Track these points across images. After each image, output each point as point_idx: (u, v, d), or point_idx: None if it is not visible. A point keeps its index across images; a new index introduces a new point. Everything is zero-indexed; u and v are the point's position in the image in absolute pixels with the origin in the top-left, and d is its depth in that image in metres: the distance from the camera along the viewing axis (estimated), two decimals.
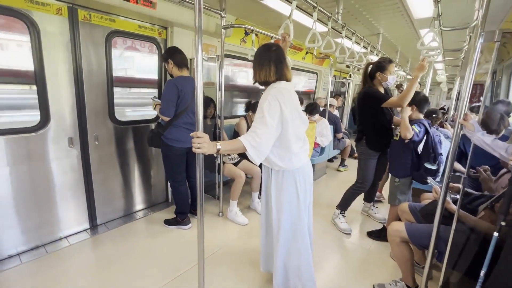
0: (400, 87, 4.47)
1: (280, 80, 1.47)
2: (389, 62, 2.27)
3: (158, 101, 2.32)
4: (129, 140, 2.58)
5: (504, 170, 1.81)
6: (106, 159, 2.43)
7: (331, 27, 2.43)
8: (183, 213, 2.47)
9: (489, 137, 1.35)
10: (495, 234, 1.12)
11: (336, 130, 4.30)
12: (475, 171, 2.03)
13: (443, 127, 3.48)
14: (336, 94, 5.76)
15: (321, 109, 4.03)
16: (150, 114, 2.73)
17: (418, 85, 2.40)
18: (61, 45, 1.99)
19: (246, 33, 3.27)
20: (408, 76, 6.00)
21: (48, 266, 1.92)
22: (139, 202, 2.79)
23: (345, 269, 2.06)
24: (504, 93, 3.75)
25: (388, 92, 2.49)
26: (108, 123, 2.39)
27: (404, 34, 3.53)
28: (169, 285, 1.80)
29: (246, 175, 2.78)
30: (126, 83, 2.65)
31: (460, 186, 1.36)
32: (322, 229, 2.59)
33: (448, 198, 1.50)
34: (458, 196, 1.41)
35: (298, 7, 2.43)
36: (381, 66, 2.27)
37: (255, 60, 1.50)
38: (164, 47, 2.65)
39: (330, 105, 4.46)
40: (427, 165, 2.14)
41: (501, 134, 1.97)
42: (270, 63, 1.44)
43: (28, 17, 1.82)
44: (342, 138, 4.46)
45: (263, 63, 1.45)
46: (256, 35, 2.61)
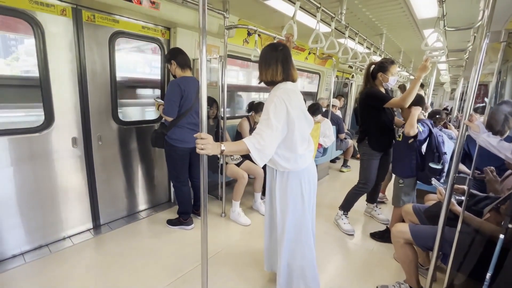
0: (404, 88, 4.44)
1: (287, 81, 1.45)
2: (391, 63, 2.27)
3: (161, 102, 2.33)
4: (132, 141, 2.59)
5: (510, 172, 1.80)
6: (109, 159, 2.44)
7: (334, 28, 2.42)
8: (186, 213, 2.48)
9: (495, 139, 1.34)
10: (501, 236, 1.11)
11: (339, 131, 4.29)
12: (480, 172, 2.02)
13: (447, 128, 3.45)
14: (339, 95, 5.74)
15: (324, 110, 4.02)
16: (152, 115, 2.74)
17: (421, 87, 2.39)
18: (65, 46, 2.01)
19: (249, 34, 3.27)
20: (411, 77, 5.97)
21: (52, 266, 1.93)
22: (142, 202, 2.80)
23: (348, 270, 2.05)
24: (509, 94, 3.71)
25: (389, 93, 2.48)
26: (112, 123, 2.40)
27: (408, 35, 3.51)
28: (172, 285, 1.80)
29: (249, 176, 2.78)
30: (129, 84, 2.66)
31: (465, 188, 1.35)
32: (325, 230, 2.58)
33: (453, 200, 1.49)
34: (463, 198, 1.40)
35: (301, 8, 2.43)
36: (383, 67, 2.27)
37: (261, 60, 1.48)
38: (167, 48, 2.65)
39: (333, 106, 4.45)
40: (432, 165, 2.12)
41: (506, 135, 1.95)
42: (277, 63, 1.42)
43: (33, 18, 1.83)
44: (345, 139, 4.45)
45: (270, 63, 1.43)
46: (259, 36, 2.61)
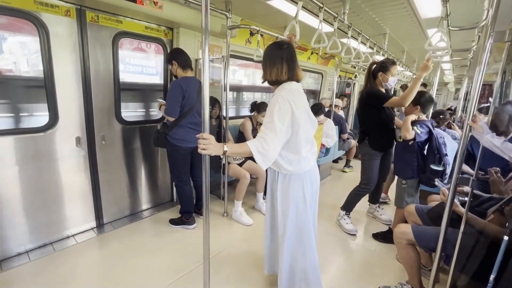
0: (406, 88, 4.42)
1: (292, 80, 1.42)
2: (393, 64, 2.27)
3: (163, 102, 2.34)
4: (135, 140, 2.60)
5: None
6: (113, 159, 2.45)
7: (337, 27, 2.42)
8: (188, 213, 2.49)
9: (499, 139, 1.33)
10: (505, 238, 1.10)
11: (341, 131, 4.27)
12: (484, 173, 2.00)
13: (451, 128, 3.43)
14: (342, 95, 5.72)
15: (326, 110, 4.01)
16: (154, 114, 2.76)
17: (423, 86, 2.38)
18: (70, 46, 2.02)
19: (252, 34, 3.27)
20: (415, 77, 5.93)
21: (56, 264, 1.95)
22: (145, 202, 2.81)
23: (350, 271, 2.04)
24: None
25: (389, 93, 2.47)
26: (115, 123, 2.41)
27: (411, 34, 3.50)
28: (174, 284, 1.81)
29: (251, 176, 2.78)
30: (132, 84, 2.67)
31: (469, 188, 1.34)
32: (327, 230, 2.58)
33: (456, 201, 1.48)
34: (466, 199, 1.39)
35: (304, 8, 2.42)
36: (384, 67, 2.27)
37: (266, 58, 1.43)
38: (170, 48, 2.66)
39: (335, 106, 4.44)
40: (433, 167, 2.11)
41: (510, 136, 1.93)
42: (282, 62, 1.38)
43: (38, 19, 1.85)
44: (348, 139, 4.43)
45: (275, 61, 1.38)
46: (262, 36, 2.61)
